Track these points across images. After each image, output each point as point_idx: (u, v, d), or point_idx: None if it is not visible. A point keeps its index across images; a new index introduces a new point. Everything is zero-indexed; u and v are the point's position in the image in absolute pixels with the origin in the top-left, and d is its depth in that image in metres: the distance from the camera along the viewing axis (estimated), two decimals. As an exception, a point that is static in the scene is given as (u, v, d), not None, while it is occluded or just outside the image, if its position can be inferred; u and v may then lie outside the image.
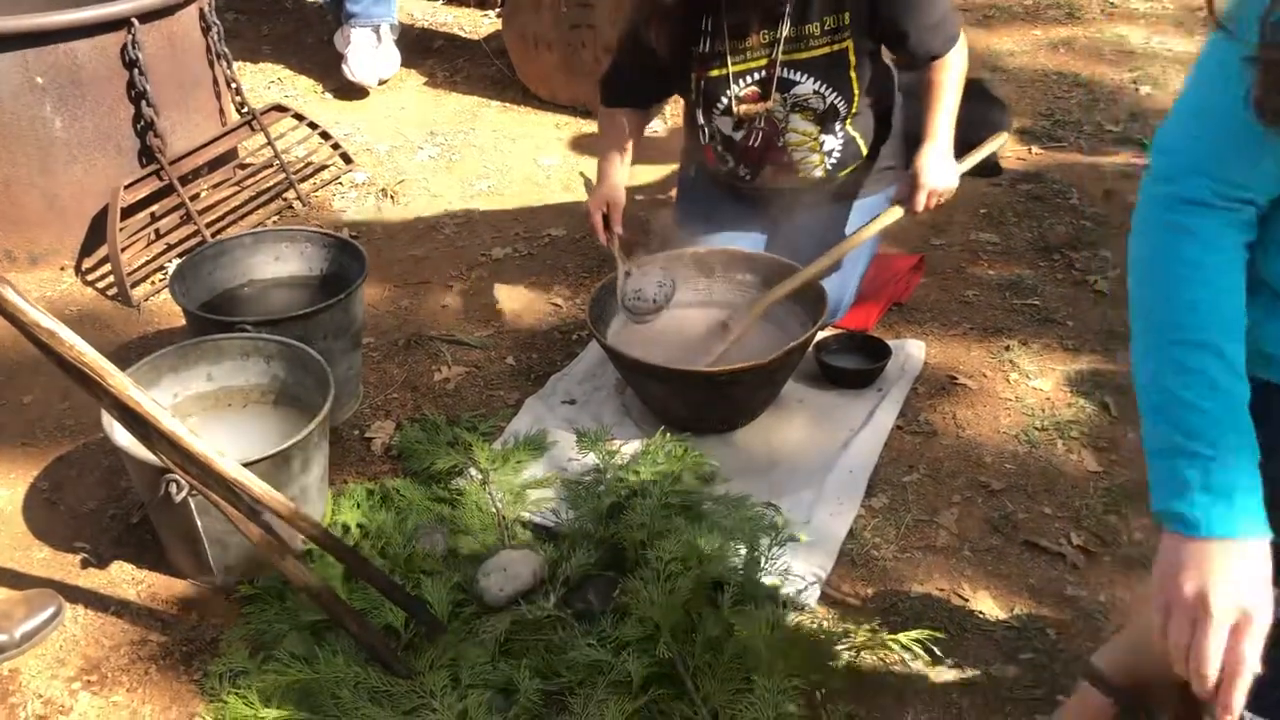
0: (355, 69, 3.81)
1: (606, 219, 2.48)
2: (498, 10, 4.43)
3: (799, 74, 2.35)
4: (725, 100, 2.41)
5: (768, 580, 1.89)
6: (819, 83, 2.35)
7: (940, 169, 2.34)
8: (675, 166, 3.41)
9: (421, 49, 4.25)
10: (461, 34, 4.38)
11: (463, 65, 4.14)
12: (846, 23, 2.31)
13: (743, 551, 1.90)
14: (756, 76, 2.37)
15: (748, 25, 2.32)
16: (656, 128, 3.70)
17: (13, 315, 1.36)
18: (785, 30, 2.30)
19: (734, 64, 2.37)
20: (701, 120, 2.48)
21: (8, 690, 1.81)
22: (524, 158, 3.54)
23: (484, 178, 3.42)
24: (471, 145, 3.61)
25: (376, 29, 3.84)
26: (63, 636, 1.90)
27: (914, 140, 2.64)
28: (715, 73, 2.38)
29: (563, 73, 3.76)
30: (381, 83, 3.94)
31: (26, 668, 1.84)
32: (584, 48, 3.68)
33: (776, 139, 2.42)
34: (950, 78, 2.38)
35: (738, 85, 2.38)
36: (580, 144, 3.61)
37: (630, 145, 2.54)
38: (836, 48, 2.33)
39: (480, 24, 4.45)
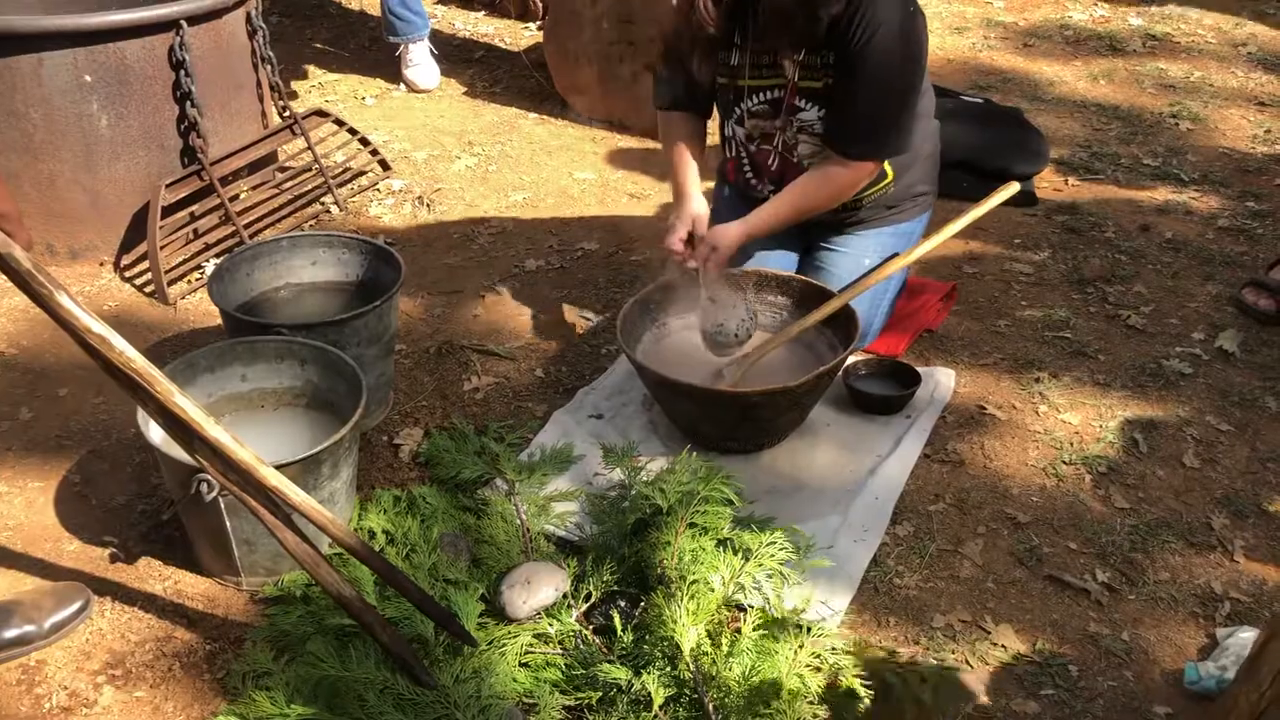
0: (417, 78, 4.10)
1: (689, 238, 2.39)
2: (539, 23, 4.47)
3: (805, 101, 2.38)
4: (739, 111, 2.45)
5: (790, 605, 1.89)
6: (822, 110, 2.37)
7: (723, 235, 2.36)
8: (709, 184, 3.44)
9: (462, 59, 4.29)
10: (502, 46, 4.41)
11: (502, 76, 4.17)
12: (831, 61, 2.31)
13: (766, 575, 1.90)
14: (771, 95, 2.40)
15: (771, 45, 2.34)
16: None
17: (66, 321, 1.39)
18: (803, 55, 2.32)
19: (751, 78, 2.40)
20: (721, 123, 2.53)
21: (34, 681, 1.83)
22: (559, 171, 3.56)
23: (519, 189, 3.44)
24: (508, 156, 3.63)
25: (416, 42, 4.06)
26: (89, 630, 1.92)
27: (950, 164, 2.65)
28: (740, 82, 2.42)
29: (601, 87, 3.78)
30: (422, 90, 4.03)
31: (53, 659, 1.87)
32: (623, 63, 3.70)
33: (791, 158, 2.45)
34: (817, 187, 2.38)
35: (752, 100, 2.42)
36: (616, 159, 3.63)
37: (699, 154, 2.49)
38: (830, 82, 2.34)
39: (521, 36, 4.49)
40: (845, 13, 2.21)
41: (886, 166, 2.46)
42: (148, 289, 2.88)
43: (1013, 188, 2.56)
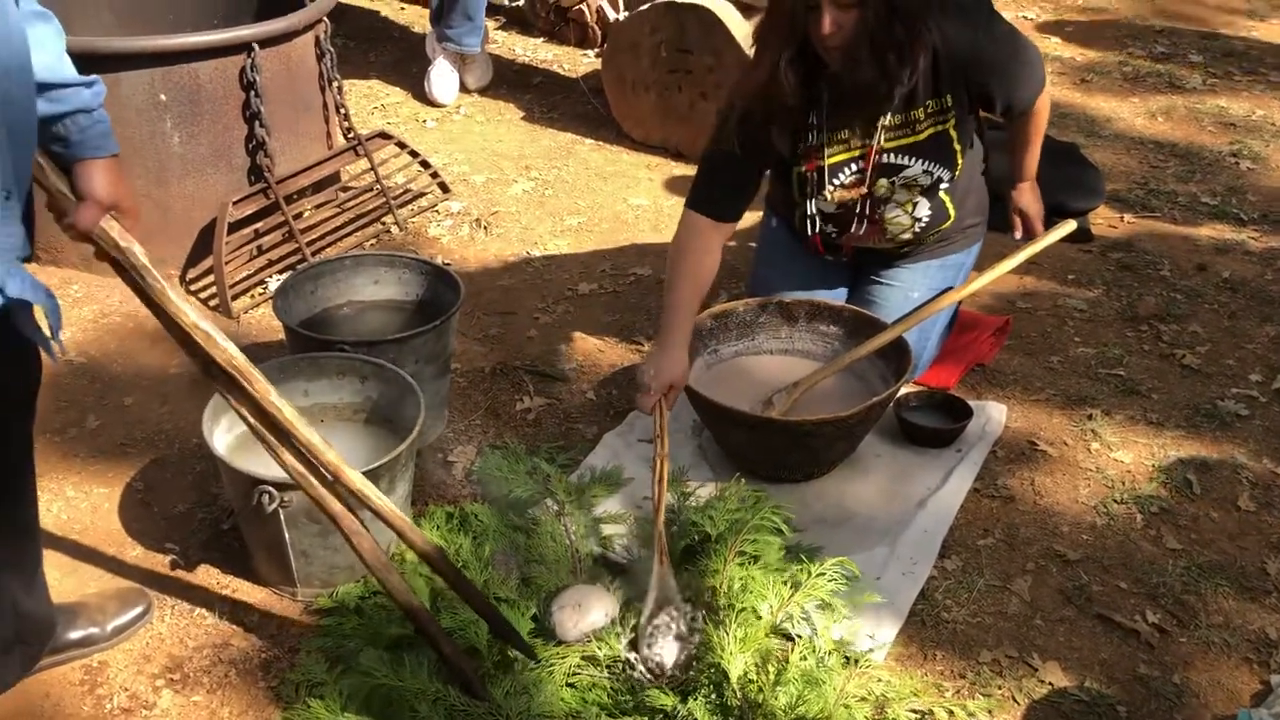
0: (433, 87, 4.18)
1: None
2: (597, 50, 4.53)
3: (909, 158, 2.37)
4: (826, 193, 2.43)
5: (836, 636, 1.89)
6: (926, 162, 2.37)
7: (1034, 197, 2.65)
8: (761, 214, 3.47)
9: (521, 85, 4.35)
10: (560, 72, 4.47)
11: (559, 102, 4.23)
12: (949, 104, 2.33)
13: (814, 605, 1.91)
14: (858, 166, 2.40)
15: (850, 119, 2.35)
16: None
17: (174, 316, 1.46)
18: (888, 119, 2.33)
19: (833, 156, 2.39)
20: (798, 200, 2.49)
21: (96, 682, 1.88)
22: (614, 196, 3.60)
23: (574, 214, 3.49)
24: (564, 181, 3.68)
25: (461, 56, 4.18)
26: (149, 634, 1.98)
27: (997, 196, 2.67)
28: (818, 163, 2.40)
29: (657, 115, 3.82)
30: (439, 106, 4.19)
31: (115, 661, 1.92)
32: (680, 92, 3.74)
33: (876, 210, 2.45)
34: (1038, 123, 2.52)
35: (839, 177, 2.41)
36: (671, 185, 3.67)
37: (707, 282, 2.35)
38: (940, 128, 2.36)
39: (579, 63, 4.55)
40: (931, 66, 2.27)
41: (949, 204, 2.47)
42: (212, 303, 2.95)
43: (1069, 225, 2.57)
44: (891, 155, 2.37)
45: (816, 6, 2.11)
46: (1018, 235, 2.65)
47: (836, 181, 2.41)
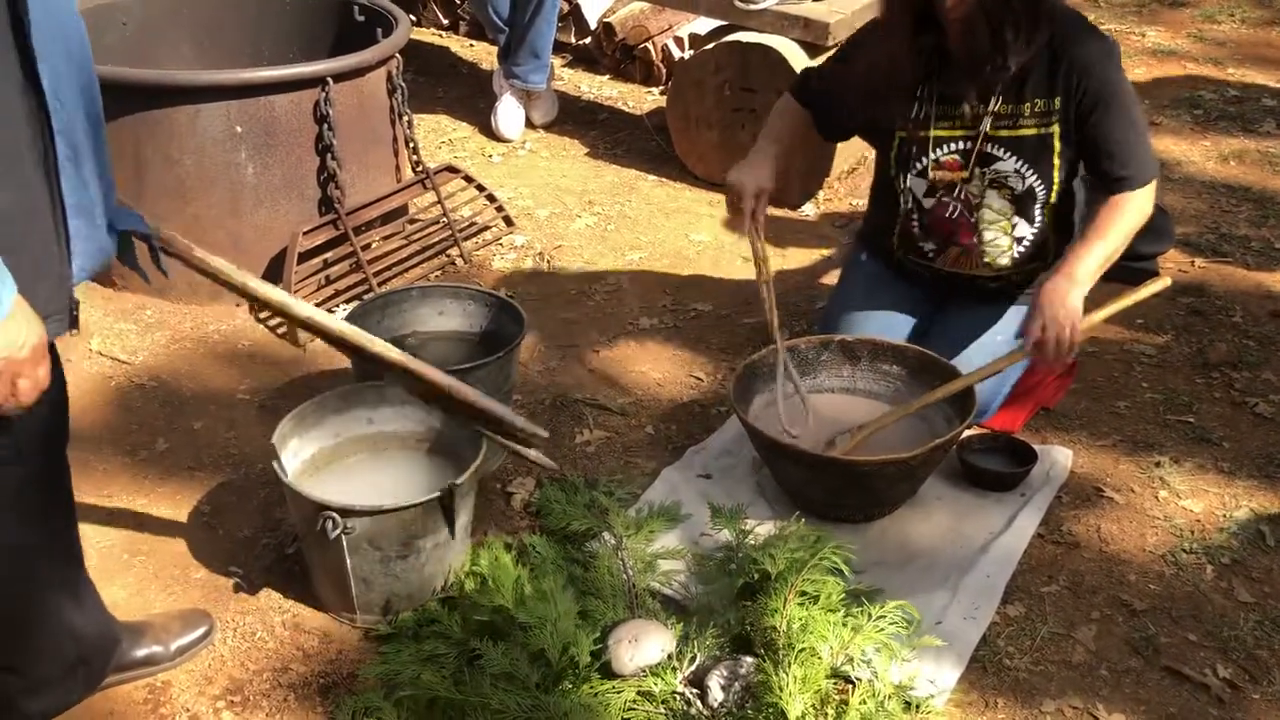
0: (500, 123, 4.23)
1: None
2: (662, 88, 4.57)
3: (1003, 150, 2.38)
4: (923, 163, 2.44)
5: (896, 679, 1.87)
6: (1021, 162, 2.37)
7: (1061, 300, 2.17)
8: (825, 251, 3.46)
9: (586, 121, 4.40)
10: (625, 109, 4.52)
11: (624, 139, 4.27)
12: (1056, 107, 2.33)
13: (873, 649, 1.88)
14: (960, 146, 2.41)
15: (960, 95, 2.37)
16: (808, 211, 3.75)
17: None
18: (997, 105, 2.34)
19: (939, 129, 2.41)
20: (895, 174, 2.51)
21: (159, 701, 1.91)
22: (676, 232, 3.62)
23: (636, 249, 3.51)
24: (626, 216, 3.71)
25: (527, 93, 4.24)
26: (211, 655, 2.00)
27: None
28: (921, 134, 2.42)
29: (720, 152, 3.84)
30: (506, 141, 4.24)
31: (177, 681, 1.95)
32: (743, 129, 3.76)
33: (970, 215, 2.44)
34: (1121, 216, 2.30)
35: (939, 151, 2.42)
36: (732, 223, 3.67)
37: (793, 145, 2.63)
38: (1044, 131, 2.35)
39: (644, 100, 4.59)
40: (1048, 64, 2.29)
41: (1052, 242, 2.46)
42: (280, 330, 3.00)
43: (1164, 281, 2.40)
44: (991, 146, 2.38)
45: None
46: (1025, 350, 2.25)
47: (936, 154, 2.43)
